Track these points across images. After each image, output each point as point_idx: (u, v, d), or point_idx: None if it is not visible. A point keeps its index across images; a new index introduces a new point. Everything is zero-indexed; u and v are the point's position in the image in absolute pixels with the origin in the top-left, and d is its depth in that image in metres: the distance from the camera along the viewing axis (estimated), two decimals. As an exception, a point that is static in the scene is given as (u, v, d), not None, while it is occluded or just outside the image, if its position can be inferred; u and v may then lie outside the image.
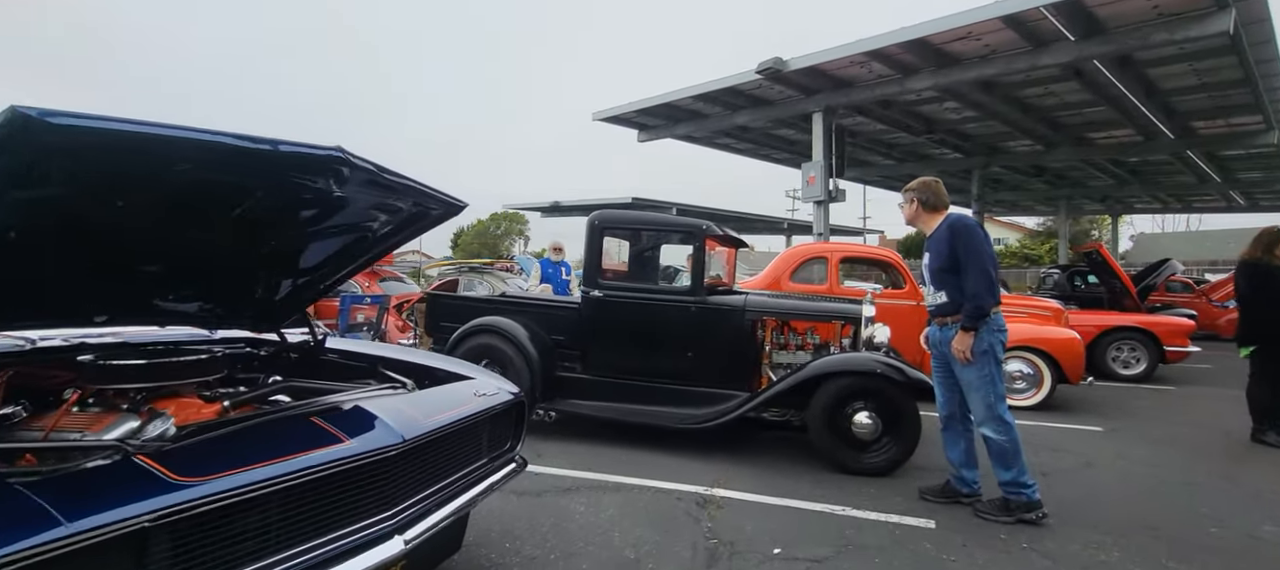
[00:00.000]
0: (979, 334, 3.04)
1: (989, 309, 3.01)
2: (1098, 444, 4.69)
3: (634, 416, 4.29)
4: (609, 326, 4.56)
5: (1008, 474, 3.10)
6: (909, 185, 3.40)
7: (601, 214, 4.64)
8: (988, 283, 3.00)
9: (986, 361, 3.06)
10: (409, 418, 1.80)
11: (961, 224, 3.15)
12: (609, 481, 3.55)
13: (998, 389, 3.09)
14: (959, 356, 3.09)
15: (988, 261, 3.03)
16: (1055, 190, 23.53)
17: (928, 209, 3.32)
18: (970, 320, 3.03)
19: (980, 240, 3.08)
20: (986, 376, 3.08)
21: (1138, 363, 7.77)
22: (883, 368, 3.75)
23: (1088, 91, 12.12)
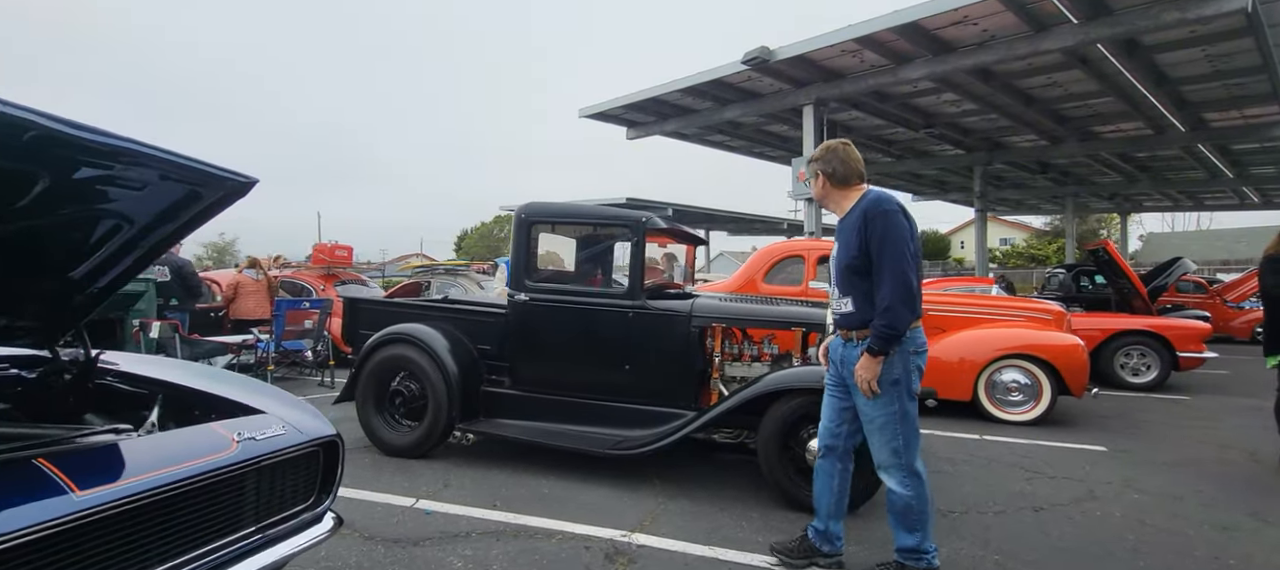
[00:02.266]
0: (889, 359, 2.30)
1: (903, 329, 2.25)
2: (1102, 469, 4.07)
3: (559, 440, 3.71)
4: (537, 335, 3.99)
5: (910, 538, 2.40)
6: (814, 154, 2.58)
7: (529, 206, 4.06)
8: (905, 291, 2.21)
9: (896, 395, 2.33)
10: (108, 474, 1.25)
11: (878, 207, 2.31)
12: (510, 525, 2.97)
13: (909, 430, 2.35)
14: (861, 387, 2.34)
15: (907, 262, 2.24)
16: (1061, 188, 22.80)
17: (837, 184, 2.47)
18: (878, 343, 2.25)
19: (901, 231, 2.27)
20: (895, 414, 2.34)
21: (1148, 370, 7.13)
22: (842, 385, 3.15)
23: (1094, 81, 11.46)
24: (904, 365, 2.34)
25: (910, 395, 2.36)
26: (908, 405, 2.35)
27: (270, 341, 6.56)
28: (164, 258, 7.15)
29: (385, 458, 4.01)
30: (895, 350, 2.31)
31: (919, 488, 2.39)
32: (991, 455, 4.36)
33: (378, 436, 4.13)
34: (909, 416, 2.37)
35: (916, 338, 2.38)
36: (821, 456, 2.61)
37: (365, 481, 3.56)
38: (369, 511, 3.11)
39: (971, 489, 3.63)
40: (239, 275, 8.08)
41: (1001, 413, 5.39)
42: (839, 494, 2.58)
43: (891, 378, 2.33)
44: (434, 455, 4.06)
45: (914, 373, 2.37)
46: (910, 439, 2.37)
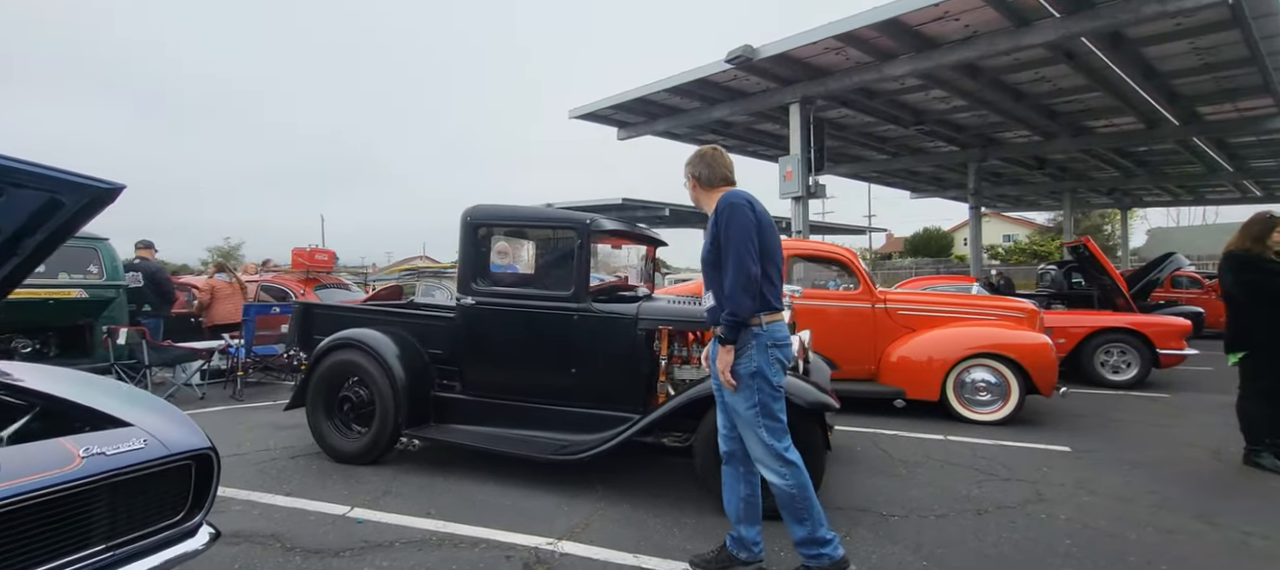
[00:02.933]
0: (743, 351, 2.37)
1: (745, 316, 2.32)
2: (1060, 470, 4.00)
3: (502, 445, 3.67)
4: (484, 339, 3.96)
5: (801, 529, 2.41)
6: (688, 159, 2.68)
7: (475, 208, 4.03)
8: (745, 279, 2.28)
9: (755, 387, 2.38)
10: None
11: (725, 202, 2.41)
12: (437, 533, 2.93)
13: (772, 420, 2.40)
14: (721, 379, 2.42)
15: (748, 252, 2.30)
16: (1059, 183, 22.60)
17: (704, 186, 2.58)
18: (724, 331, 2.34)
19: (743, 223, 2.33)
20: (756, 406, 2.38)
21: (1129, 368, 7.04)
22: (777, 388, 3.09)
23: (1082, 75, 11.33)
24: (761, 357, 2.38)
25: (772, 387, 2.41)
26: (768, 397, 2.40)
27: (241, 346, 6.55)
28: (138, 264, 7.18)
29: (333, 464, 3.99)
30: (751, 342, 2.37)
31: (796, 475, 2.39)
32: (950, 456, 4.30)
33: (327, 442, 4.11)
34: (771, 408, 2.41)
35: (774, 331, 2.42)
36: (724, 463, 2.58)
37: (307, 489, 3.54)
38: (300, 521, 3.08)
39: (920, 492, 3.57)
40: (212, 280, 8.09)
41: (970, 413, 5.32)
42: (747, 499, 2.53)
43: (749, 370, 2.38)
44: (385, 461, 4.04)
45: (774, 365, 2.42)
46: (775, 429, 2.41)
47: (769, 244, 2.43)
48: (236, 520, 3.07)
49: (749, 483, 2.53)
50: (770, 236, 2.46)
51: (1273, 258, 3.97)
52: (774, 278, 2.45)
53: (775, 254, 2.47)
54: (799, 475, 2.39)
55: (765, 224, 2.44)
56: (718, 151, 2.64)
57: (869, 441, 4.69)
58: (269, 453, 4.30)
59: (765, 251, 2.40)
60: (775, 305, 2.43)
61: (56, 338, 6.17)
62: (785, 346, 2.46)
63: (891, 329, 5.74)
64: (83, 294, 6.14)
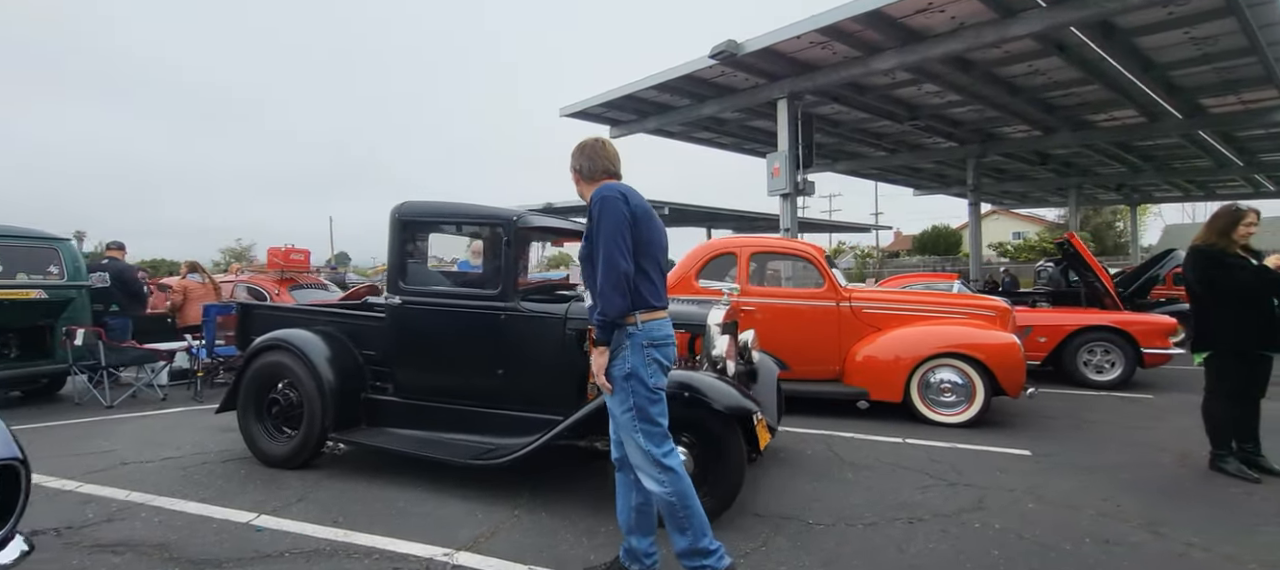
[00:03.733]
0: (617, 352, 2.26)
1: (615, 315, 2.18)
2: (1014, 474, 3.82)
3: (425, 450, 3.55)
4: (412, 339, 3.85)
5: (682, 540, 2.28)
6: (572, 150, 2.53)
7: (405, 204, 3.92)
8: (614, 276, 2.15)
9: (629, 389, 2.25)
10: None
11: (598, 195, 2.26)
12: (334, 543, 2.83)
13: (650, 424, 2.27)
14: (598, 382, 2.30)
15: (619, 248, 2.16)
16: (1064, 179, 22.20)
17: (586, 179, 2.44)
18: (597, 333, 2.24)
19: (615, 218, 2.19)
20: (631, 410, 2.26)
21: (1112, 367, 6.80)
22: (691, 391, 2.95)
23: (1076, 68, 11.06)
24: (636, 358, 2.24)
25: (649, 389, 2.27)
26: (645, 400, 2.26)
27: (203, 347, 6.50)
28: (104, 264, 7.16)
29: (258, 469, 3.90)
30: (625, 343, 2.25)
31: (675, 482, 2.26)
32: (903, 460, 4.13)
33: (257, 446, 4.02)
34: (648, 411, 2.27)
35: (652, 330, 2.28)
36: (617, 470, 2.45)
37: (224, 495, 3.45)
38: (199, 529, 2.98)
39: (857, 498, 3.42)
40: (185, 280, 8.06)
41: (934, 414, 5.14)
42: (639, 508, 2.40)
43: (623, 372, 2.25)
44: (316, 466, 3.94)
45: (650, 366, 2.27)
46: (653, 434, 2.28)
47: (649, 238, 2.30)
48: (132, 529, 2.98)
49: (641, 490, 2.39)
50: (650, 230, 2.31)
51: (1238, 253, 3.77)
52: (653, 274, 2.31)
53: (655, 249, 2.33)
54: (678, 482, 2.26)
55: (643, 217, 2.30)
56: (602, 143, 2.49)
57: (823, 444, 4.53)
58: (203, 457, 4.22)
59: (643, 246, 2.27)
60: (653, 303, 2.29)
61: (16, 339, 6.14)
62: (665, 346, 2.32)
63: (857, 328, 5.57)
64: (42, 295, 6.12)
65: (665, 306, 2.37)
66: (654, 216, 2.37)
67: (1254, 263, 3.72)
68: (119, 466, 4.00)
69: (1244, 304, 3.70)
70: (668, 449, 2.30)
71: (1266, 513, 3.17)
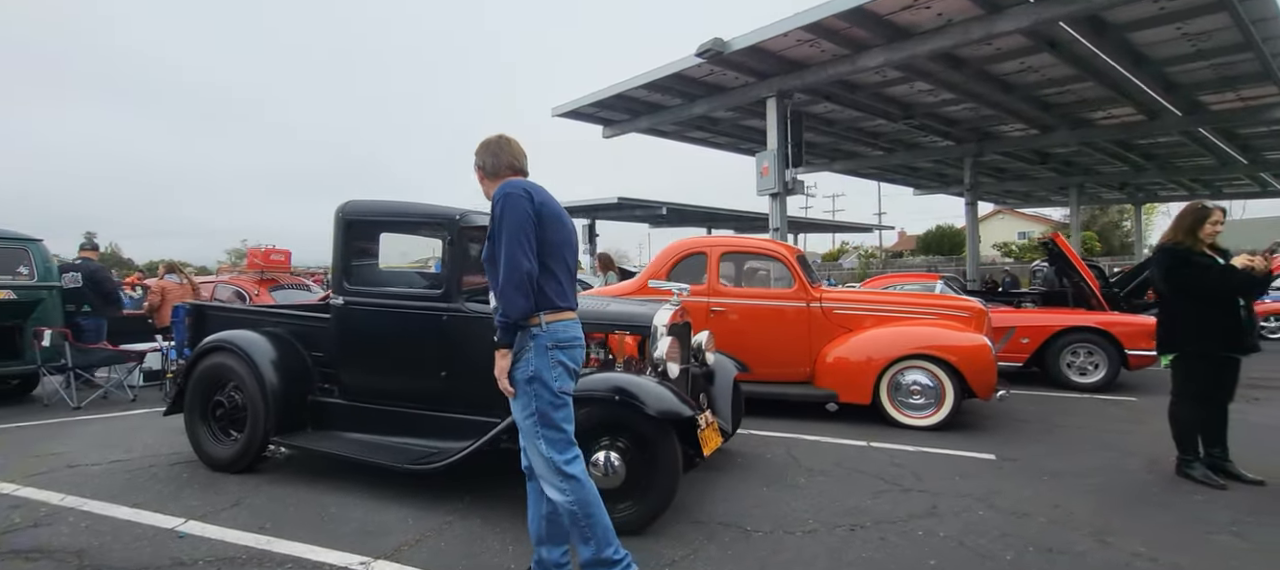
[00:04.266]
0: (520, 354, 2.17)
1: (517, 316, 2.10)
2: (973, 480, 3.71)
3: (362, 454, 3.48)
4: (356, 340, 3.78)
5: (586, 549, 2.18)
6: (476, 147, 2.42)
7: (349, 203, 3.85)
8: (516, 276, 2.07)
9: (532, 393, 2.16)
10: None
11: (500, 192, 2.17)
12: (253, 550, 2.76)
13: (552, 430, 2.18)
14: (500, 386, 2.20)
15: (521, 246, 2.08)
16: (1066, 178, 21.94)
17: (490, 176, 2.34)
18: (498, 333, 2.14)
19: (519, 214, 2.11)
20: (533, 415, 2.17)
21: (1096, 369, 6.66)
22: (622, 394, 2.87)
23: (1069, 64, 10.90)
24: (540, 361, 2.15)
25: (553, 394, 2.17)
26: (548, 404, 2.17)
27: (174, 348, 6.47)
28: (77, 264, 7.15)
29: (203, 473, 3.85)
30: (528, 344, 2.15)
31: (577, 491, 2.17)
32: (862, 465, 4.03)
33: (202, 449, 3.97)
34: (551, 417, 2.18)
35: (557, 332, 2.18)
36: (527, 479, 2.35)
37: (159, 500, 3.39)
38: (123, 535, 2.93)
39: (803, 504, 3.32)
40: (163, 281, 8.04)
41: (903, 417, 5.03)
42: (549, 517, 2.30)
43: (525, 375, 2.16)
44: (261, 470, 3.89)
45: (555, 369, 2.17)
46: (556, 440, 2.19)
47: (556, 239, 2.22)
48: (54, 534, 2.93)
49: (551, 499, 2.31)
50: (558, 230, 2.23)
51: (1205, 251, 3.64)
52: (559, 275, 2.23)
53: (563, 249, 2.25)
54: (581, 491, 2.18)
55: (550, 217, 2.21)
56: (507, 139, 2.40)
57: (785, 448, 4.43)
58: (152, 460, 4.17)
59: (550, 246, 2.19)
60: (558, 303, 2.20)
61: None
62: (571, 349, 2.23)
63: (828, 329, 5.46)
64: (11, 295, 6.10)
65: (573, 307, 2.28)
66: (563, 216, 2.28)
67: (1221, 262, 3.60)
68: (64, 470, 3.96)
69: (1210, 304, 3.57)
70: (571, 456, 2.21)
71: (1222, 521, 3.04)
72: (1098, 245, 38.83)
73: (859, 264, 40.54)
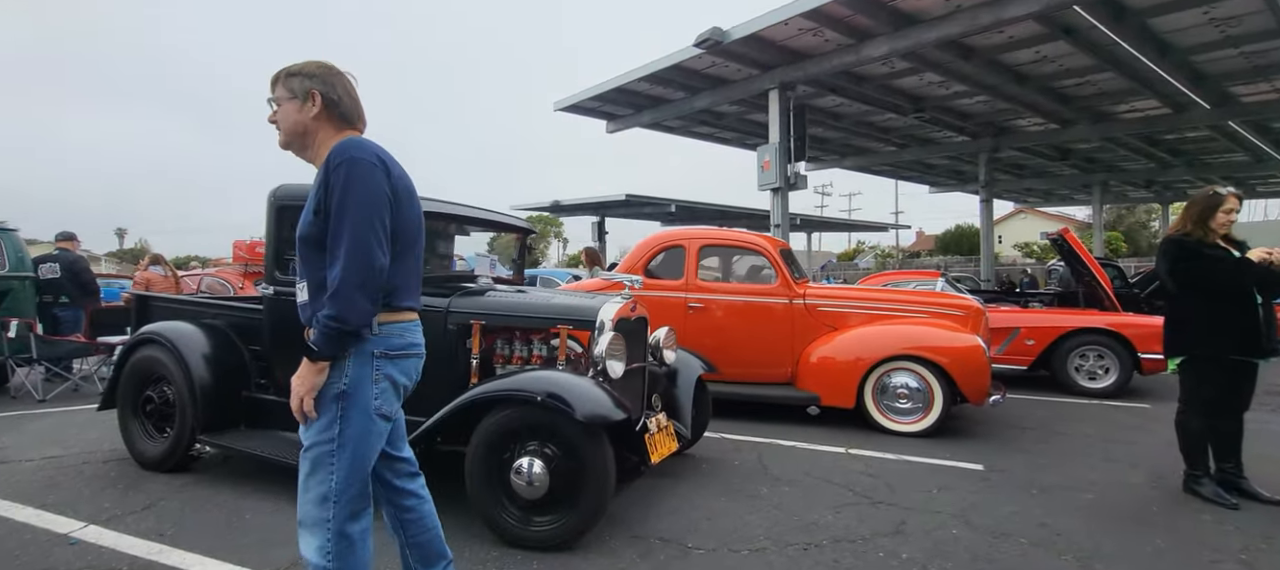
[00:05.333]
0: (337, 367, 1.62)
1: (357, 325, 1.57)
2: (954, 494, 3.36)
3: (280, 455, 3.23)
4: (286, 335, 3.51)
5: None
6: (291, 68, 1.74)
7: (280, 188, 3.62)
8: (364, 275, 1.54)
9: (337, 415, 1.62)
10: None
11: (344, 154, 1.60)
12: (136, 558, 2.53)
13: (352, 470, 1.62)
14: (293, 406, 1.62)
15: (374, 235, 1.57)
16: (1088, 175, 21.19)
17: (329, 120, 1.73)
18: (320, 342, 1.56)
19: (371, 188, 1.59)
20: (331, 444, 1.61)
21: (1107, 373, 6.23)
22: (546, 396, 2.59)
23: (1087, 54, 10.38)
24: (358, 372, 1.63)
25: (367, 417, 1.64)
26: (358, 433, 1.62)
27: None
28: (56, 256, 7.06)
29: (132, 472, 3.65)
30: (351, 354, 1.62)
31: (348, 561, 1.64)
32: (835, 474, 3.70)
33: (134, 447, 3.78)
34: (357, 452, 1.63)
35: (390, 337, 1.69)
36: (384, 505, 1.91)
37: (68, 501, 3.19)
38: (8, 541, 2.72)
39: (759, 519, 3.01)
40: (147, 273, 7.95)
41: (889, 422, 4.68)
42: (412, 544, 1.92)
43: (337, 389, 1.62)
44: (194, 469, 3.68)
45: (380, 384, 1.66)
46: (350, 484, 1.62)
47: (410, 222, 1.75)
48: (-60, 535, 2.73)
49: (401, 524, 1.90)
50: (410, 212, 1.75)
51: (1217, 243, 3.26)
52: (408, 265, 1.76)
53: (414, 236, 1.78)
54: (352, 560, 1.64)
55: (405, 196, 1.73)
56: (334, 74, 1.75)
57: (755, 454, 4.12)
58: (86, 457, 3.99)
59: (401, 233, 1.70)
60: (398, 302, 1.72)
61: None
62: (404, 359, 1.74)
63: (812, 328, 5.13)
64: (-20, 285, 6.01)
65: (415, 307, 1.80)
66: (413, 193, 1.80)
67: (1236, 255, 3.22)
68: (-8, 465, 3.79)
69: (1223, 302, 3.19)
70: (360, 510, 1.67)
71: (1231, 547, 2.68)
72: (1123, 246, 37.67)
73: (875, 263, 39.80)
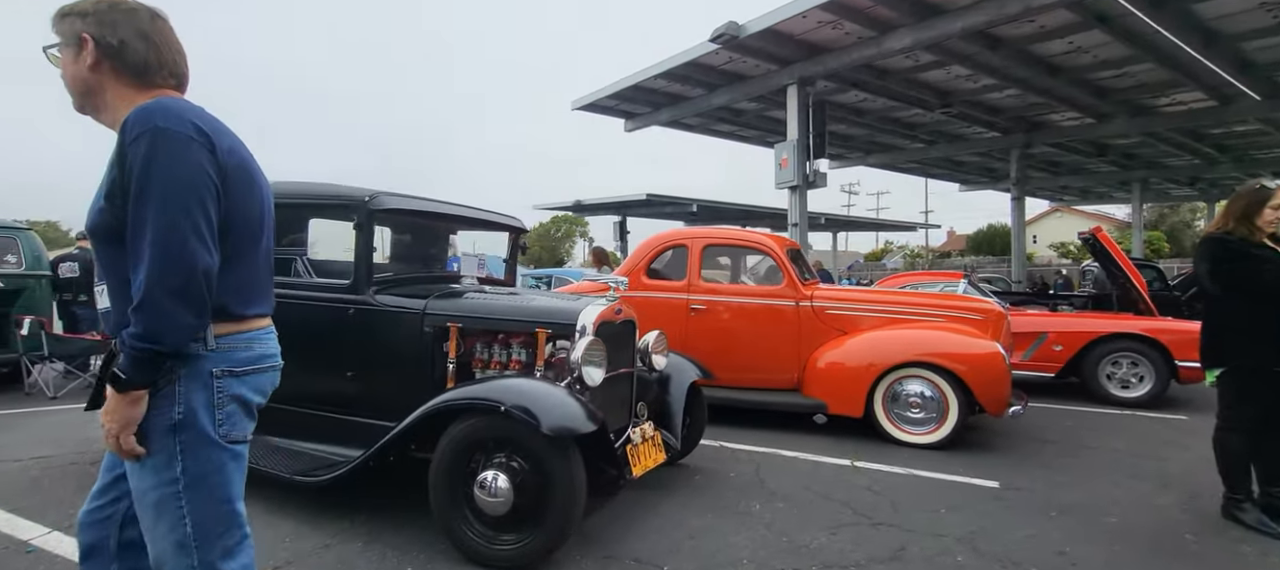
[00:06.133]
0: (164, 394, 1.29)
1: (173, 343, 1.24)
2: (964, 513, 3.11)
3: (256, 459, 3.14)
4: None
5: None
6: (72, 6, 1.35)
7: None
8: (180, 274, 1.21)
9: (181, 449, 1.30)
10: None
11: (144, 120, 1.24)
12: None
13: (209, 507, 1.34)
14: (108, 443, 1.29)
15: (189, 225, 1.22)
16: (1127, 172, 20.28)
17: (123, 77, 1.35)
18: (128, 367, 1.22)
19: (187, 169, 1.24)
20: (177, 484, 1.30)
21: (1141, 382, 5.83)
22: (511, 407, 2.42)
23: (1124, 43, 9.85)
24: (196, 397, 1.31)
25: (213, 448, 1.33)
26: (204, 469, 1.32)
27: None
28: (75, 254, 7.18)
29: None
30: (180, 373, 1.30)
31: None
32: (835, 490, 3.47)
33: (119, 447, 3.74)
34: (213, 487, 1.34)
35: (235, 351, 1.39)
36: (83, 559, 1.49)
37: (41, 506, 3.14)
38: (-25, 541, 2.67)
39: (746, 539, 2.81)
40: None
41: (900, 433, 4.42)
42: None
43: (168, 421, 1.29)
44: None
45: (226, 409, 1.36)
46: (212, 524, 1.34)
47: (246, 212, 1.39)
48: (-97, 539, 2.70)
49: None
50: (248, 195, 1.39)
51: (1264, 242, 2.94)
52: (251, 262, 1.43)
53: (256, 228, 1.44)
54: None
55: (238, 176, 1.36)
56: (141, 9, 1.38)
57: (753, 465, 3.91)
58: (74, 459, 3.98)
59: (239, 225, 1.37)
60: (242, 309, 1.41)
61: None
62: (256, 375, 1.45)
63: (820, 331, 4.88)
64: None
65: (265, 312, 1.52)
66: (257, 174, 1.44)
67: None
68: (-18, 465, 3.80)
69: (1269, 306, 2.88)
70: (234, 543, 1.39)
71: (1275, 586, 2.39)
72: (1165, 246, 36.12)
73: (903, 264, 38.92)
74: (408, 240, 4.36)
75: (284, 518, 2.97)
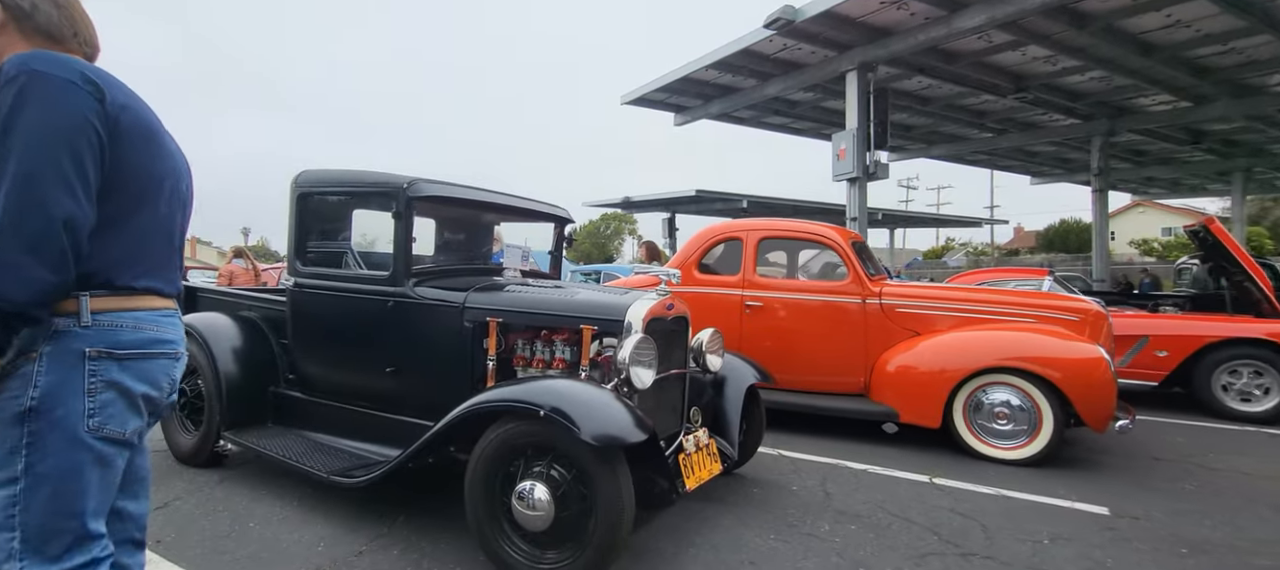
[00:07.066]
0: (19, 373, 1.17)
1: (19, 302, 1.10)
2: (1070, 546, 2.68)
3: (298, 458, 2.99)
4: (308, 328, 3.37)
5: None
6: None
7: (304, 174, 3.43)
8: (33, 223, 1.10)
9: (30, 440, 1.15)
10: None
11: (22, 67, 1.14)
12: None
13: (46, 510, 1.16)
14: None
15: (53, 172, 1.11)
16: (1227, 161, 18.52)
17: (17, 31, 1.27)
18: None
19: (61, 115, 1.14)
20: (13, 483, 1.15)
21: (1266, 394, 5.13)
22: (551, 410, 2.18)
23: (1234, 14, 8.87)
24: (60, 377, 1.17)
25: (73, 444, 1.18)
26: (55, 468, 1.16)
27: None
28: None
29: (165, 465, 3.58)
30: (43, 350, 1.17)
31: None
32: (912, 511, 3.08)
33: (171, 439, 3.73)
34: (58, 494, 1.17)
35: (119, 330, 1.24)
36: None
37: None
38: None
39: (814, 566, 2.48)
40: (231, 265, 8.32)
41: (985, 447, 3.96)
42: None
43: (20, 405, 1.15)
44: (225, 465, 3.59)
45: (104, 396, 1.21)
46: (45, 542, 1.16)
47: (136, 169, 1.27)
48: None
49: None
50: (143, 156, 1.28)
51: None
52: (146, 230, 1.31)
53: (151, 190, 1.31)
54: None
55: (135, 129, 1.26)
56: None
57: (819, 478, 3.56)
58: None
59: (126, 182, 1.25)
60: (129, 281, 1.27)
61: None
62: (148, 360, 1.30)
63: (889, 332, 4.47)
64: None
65: (167, 292, 1.38)
66: (165, 139, 1.36)
67: None
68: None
69: None
70: (82, 564, 1.21)
71: None
72: (1268, 243, 33.00)
73: (966, 262, 37.06)
74: (449, 231, 4.22)
75: (322, 519, 2.84)
